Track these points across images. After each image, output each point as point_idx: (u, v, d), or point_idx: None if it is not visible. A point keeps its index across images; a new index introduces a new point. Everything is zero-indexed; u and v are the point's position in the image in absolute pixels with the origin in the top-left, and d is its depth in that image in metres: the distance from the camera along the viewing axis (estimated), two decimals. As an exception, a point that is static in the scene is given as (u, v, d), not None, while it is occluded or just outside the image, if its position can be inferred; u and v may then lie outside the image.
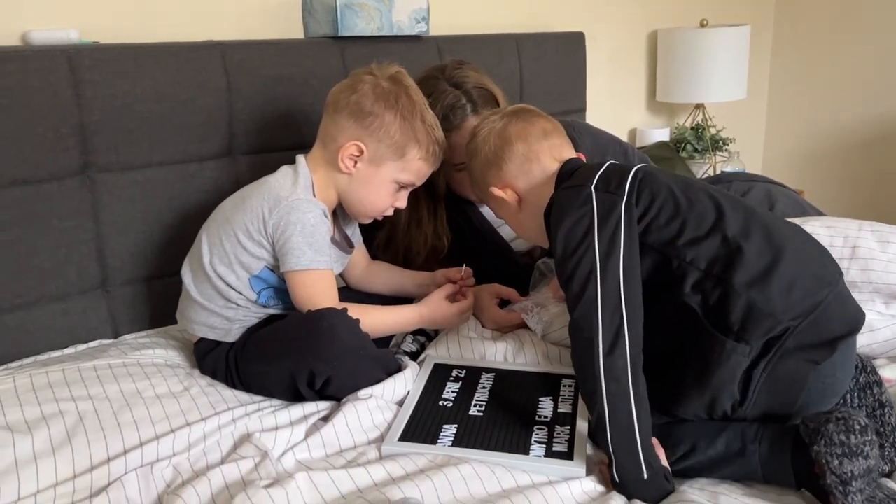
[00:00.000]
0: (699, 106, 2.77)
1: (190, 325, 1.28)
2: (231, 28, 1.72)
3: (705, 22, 2.67)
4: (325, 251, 1.22)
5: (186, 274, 1.28)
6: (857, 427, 0.95)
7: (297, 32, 1.80)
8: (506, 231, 1.65)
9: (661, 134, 2.73)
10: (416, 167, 1.30)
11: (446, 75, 1.49)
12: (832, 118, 3.00)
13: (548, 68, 2.13)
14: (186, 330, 1.31)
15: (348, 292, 1.45)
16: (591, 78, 2.31)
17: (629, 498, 1.00)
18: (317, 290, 1.21)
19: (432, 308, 1.32)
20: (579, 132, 1.66)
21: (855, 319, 1.05)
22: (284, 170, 1.30)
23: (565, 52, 2.20)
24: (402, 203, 1.36)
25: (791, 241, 1.06)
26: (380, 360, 1.24)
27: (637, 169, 1.11)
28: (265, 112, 1.59)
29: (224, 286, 1.24)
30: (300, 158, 1.30)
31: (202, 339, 1.28)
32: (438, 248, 1.58)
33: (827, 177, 3.04)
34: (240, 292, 1.24)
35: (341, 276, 1.44)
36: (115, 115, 1.40)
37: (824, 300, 1.01)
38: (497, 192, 1.24)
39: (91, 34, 1.50)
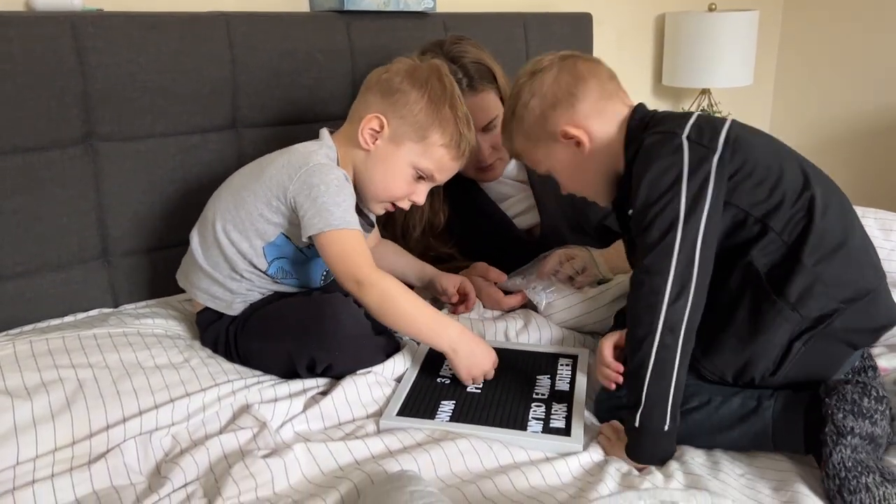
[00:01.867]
0: (705, 91, 2.75)
1: (192, 289, 1.28)
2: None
3: (713, 6, 2.64)
4: (353, 213, 1.18)
5: (194, 238, 1.26)
6: (875, 394, 0.98)
7: (303, 5, 1.79)
8: (507, 208, 1.64)
9: (667, 118, 2.71)
10: (437, 155, 1.25)
11: (444, 50, 1.48)
12: (838, 107, 2.98)
13: (554, 49, 2.09)
14: (188, 294, 1.30)
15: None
16: (598, 60, 2.29)
17: (635, 453, 1.02)
18: (348, 247, 1.14)
19: (477, 342, 1.21)
20: None
21: (895, 312, 1.08)
22: (308, 142, 1.27)
23: (572, 33, 2.18)
24: (420, 197, 1.29)
25: (859, 224, 1.08)
26: (381, 346, 1.24)
27: (731, 125, 1.06)
28: (270, 85, 1.58)
29: (234, 253, 1.22)
30: (324, 132, 1.28)
31: (205, 310, 1.28)
32: (435, 223, 1.58)
33: (832, 165, 3.02)
34: (250, 261, 1.22)
35: None
36: (119, 84, 1.39)
37: (877, 287, 1.05)
38: (573, 130, 1.13)
39: (95, 1, 1.48)
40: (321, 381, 1.19)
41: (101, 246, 1.44)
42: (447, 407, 1.15)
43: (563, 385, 1.22)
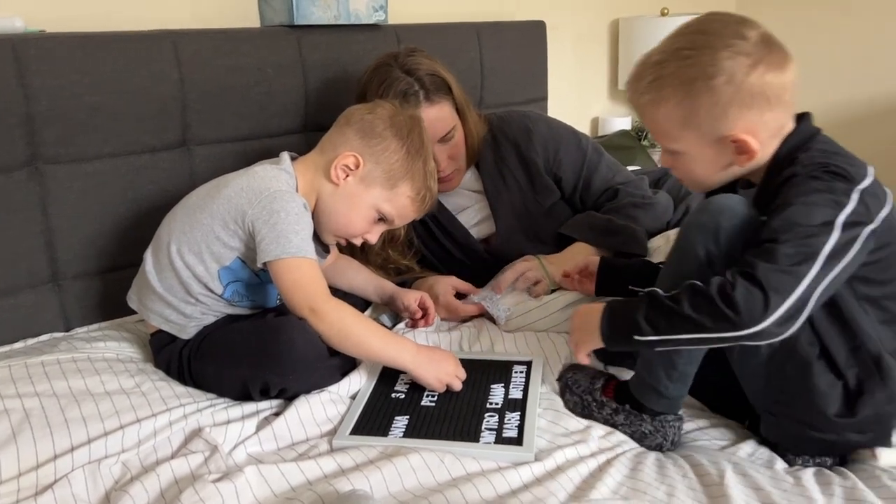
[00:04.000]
0: (661, 94, 2.79)
1: (145, 311, 1.27)
2: (184, 16, 1.69)
3: (666, 11, 2.68)
4: (310, 242, 1.18)
5: (148, 260, 1.25)
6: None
7: (253, 21, 1.78)
8: (464, 219, 1.65)
9: (623, 123, 2.75)
10: (402, 203, 1.29)
11: (399, 62, 1.49)
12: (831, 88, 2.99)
13: (509, 57, 2.13)
14: (140, 315, 1.29)
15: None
16: (553, 67, 2.32)
17: (606, 315, 1.06)
18: (303, 275, 1.15)
19: (434, 352, 1.24)
20: (534, 121, 1.67)
21: None
22: (265, 164, 1.27)
23: (526, 41, 2.20)
24: (374, 238, 1.33)
25: None
26: (337, 366, 1.24)
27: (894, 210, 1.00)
28: (220, 102, 1.57)
29: (189, 276, 1.21)
30: (284, 156, 1.28)
31: (158, 332, 1.27)
32: (395, 235, 1.58)
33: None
34: (205, 285, 1.22)
35: None
36: (64, 105, 1.38)
37: None
38: (750, 140, 1.01)
39: (37, 23, 1.46)
40: (275, 402, 1.19)
41: (51, 270, 1.43)
42: (401, 422, 1.15)
43: (516, 393, 1.23)
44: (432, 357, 1.22)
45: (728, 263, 0.98)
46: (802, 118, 1.06)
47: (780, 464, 1.09)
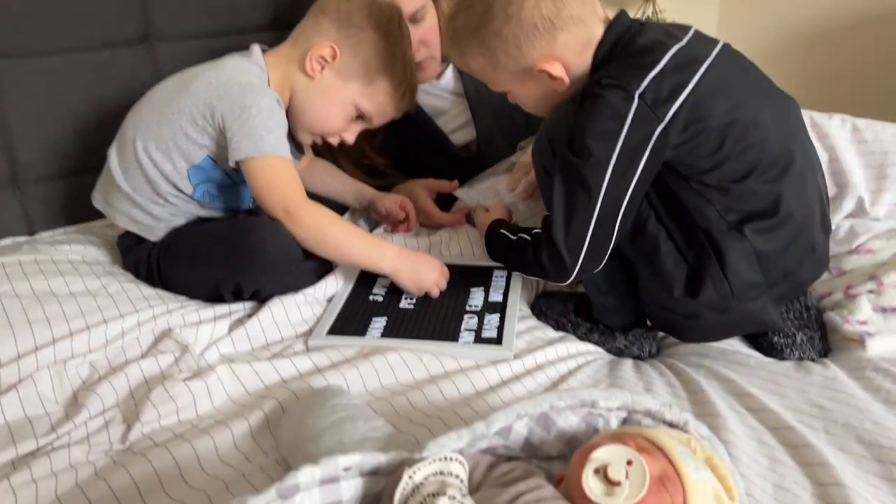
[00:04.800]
0: (648, -1, 2.69)
1: (111, 211, 1.21)
2: None
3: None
4: (285, 140, 1.13)
5: (113, 156, 1.19)
6: None
7: None
8: (442, 124, 1.60)
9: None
10: (379, 100, 1.23)
11: None
12: (787, 10, 2.94)
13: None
14: (107, 216, 1.23)
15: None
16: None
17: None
18: (278, 176, 1.10)
19: (416, 256, 1.19)
20: None
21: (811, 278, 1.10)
22: (235, 56, 1.20)
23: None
24: (351, 137, 1.27)
25: (807, 211, 1.03)
26: (312, 269, 1.20)
27: (698, 84, 0.96)
28: (184, -5, 1.48)
29: (157, 175, 1.15)
30: (255, 48, 1.21)
31: (126, 234, 1.22)
32: (373, 133, 1.51)
33: (783, 71, 3.01)
34: (174, 184, 1.16)
35: None
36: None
37: (798, 273, 1.04)
38: (551, 68, 1.03)
39: None
40: (248, 304, 1.16)
41: (10, 172, 1.36)
42: (378, 323, 1.13)
43: (496, 296, 1.20)
44: (415, 262, 1.18)
45: None
46: (615, 21, 1.04)
47: (759, 358, 1.08)
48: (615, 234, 1.01)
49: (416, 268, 1.18)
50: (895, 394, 0.94)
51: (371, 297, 1.20)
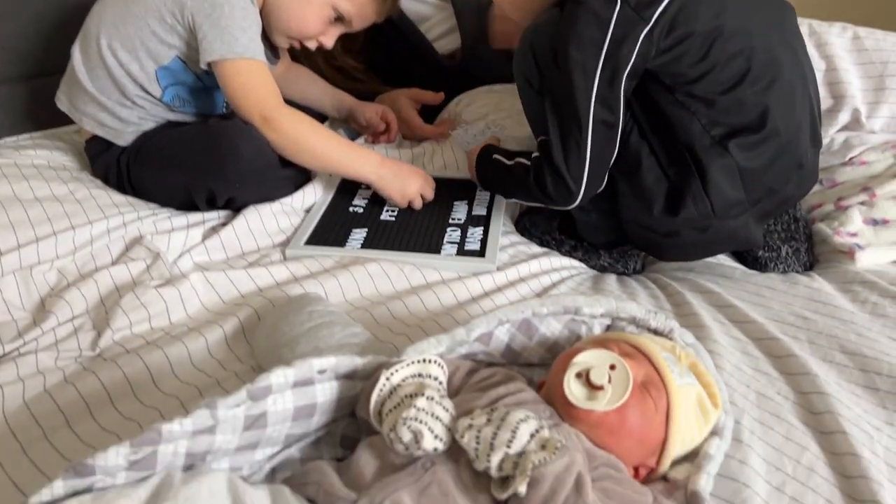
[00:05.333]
0: None
1: (76, 114, 1.15)
2: None
3: None
4: (259, 42, 1.07)
5: (76, 54, 1.12)
6: None
7: None
8: (426, 30, 1.53)
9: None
10: (360, 1, 1.15)
11: None
12: None
13: None
14: (73, 119, 1.17)
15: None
16: None
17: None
18: (253, 79, 1.05)
19: (399, 165, 1.15)
20: None
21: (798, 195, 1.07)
22: None
23: None
24: (330, 41, 1.19)
25: (795, 125, 0.99)
26: (289, 177, 1.15)
27: None
28: None
29: (123, 76, 1.09)
30: None
31: (93, 138, 1.16)
32: (353, 39, 1.45)
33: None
34: (142, 86, 1.10)
35: None
36: None
37: (783, 190, 1.01)
38: None
39: None
40: (222, 213, 1.12)
41: (-32, 75, 1.29)
42: (359, 235, 1.10)
43: (480, 210, 1.17)
44: (398, 171, 1.14)
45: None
46: None
47: (745, 271, 1.07)
48: (615, 150, 0.97)
49: (400, 176, 1.14)
50: (882, 306, 0.93)
51: (351, 209, 1.16)
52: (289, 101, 1.11)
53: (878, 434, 0.73)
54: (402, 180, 1.14)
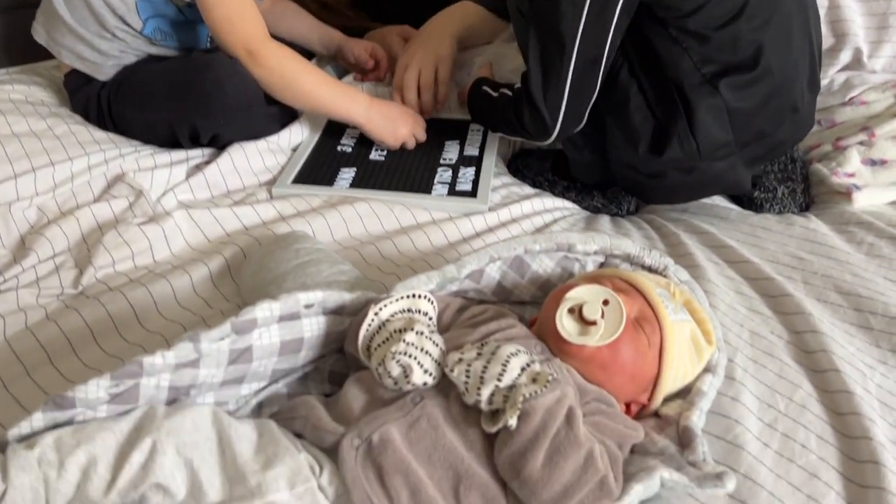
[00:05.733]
0: None
1: (54, 46, 1.11)
2: None
3: None
4: None
5: None
6: None
7: None
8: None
9: None
10: None
11: None
12: None
13: None
14: (51, 52, 1.13)
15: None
16: None
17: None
18: (237, 10, 1.01)
19: (390, 106, 1.12)
20: None
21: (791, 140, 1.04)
22: None
23: None
24: None
25: (790, 66, 0.96)
26: (275, 115, 1.11)
27: None
28: None
29: (102, 7, 1.05)
30: None
31: (72, 72, 1.12)
32: None
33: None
34: (121, 18, 1.06)
35: None
36: None
37: (775, 135, 0.98)
38: None
39: None
40: (206, 151, 1.08)
41: (-60, 6, 1.24)
42: (347, 174, 1.07)
43: (472, 150, 1.15)
44: (388, 112, 1.11)
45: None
46: None
47: (740, 212, 1.05)
48: (597, 87, 0.94)
49: (391, 118, 1.11)
50: (878, 247, 0.91)
51: (339, 148, 1.14)
52: (275, 37, 1.08)
53: (871, 372, 0.72)
54: (393, 122, 1.11)
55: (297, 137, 1.14)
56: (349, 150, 1.14)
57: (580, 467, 0.52)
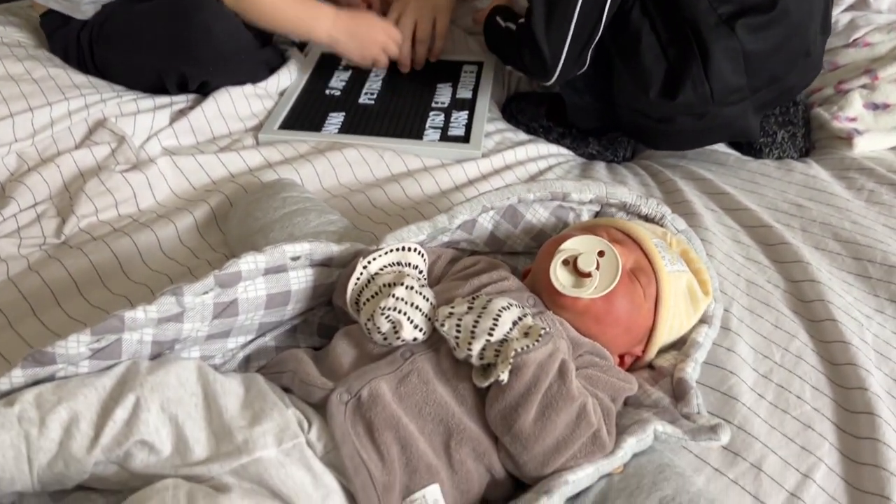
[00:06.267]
0: None
1: None
2: None
3: None
4: None
5: None
6: None
7: None
8: None
9: None
10: None
11: None
12: None
13: None
14: None
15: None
16: None
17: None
18: None
19: (357, 20, 1.07)
20: None
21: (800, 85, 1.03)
22: None
23: None
24: None
25: (806, 8, 0.93)
26: (264, 60, 1.08)
27: None
28: None
29: None
30: None
31: (49, 12, 1.07)
32: None
33: None
34: None
35: None
36: None
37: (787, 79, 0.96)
38: None
39: None
40: (191, 96, 1.05)
41: None
42: (336, 119, 1.04)
43: (465, 93, 1.12)
44: (355, 31, 1.05)
45: None
46: None
47: (739, 157, 1.03)
48: (601, 28, 0.91)
49: (357, 36, 1.06)
50: (878, 193, 0.90)
51: (328, 91, 1.10)
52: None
53: (868, 322, 0.71)
54: (360, 40, 1.06)
55: (285, 81, 1.11)
56: (338, 93, 1.10)
57: (573, 421, 0.51)
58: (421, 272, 0.60)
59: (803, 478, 0.57)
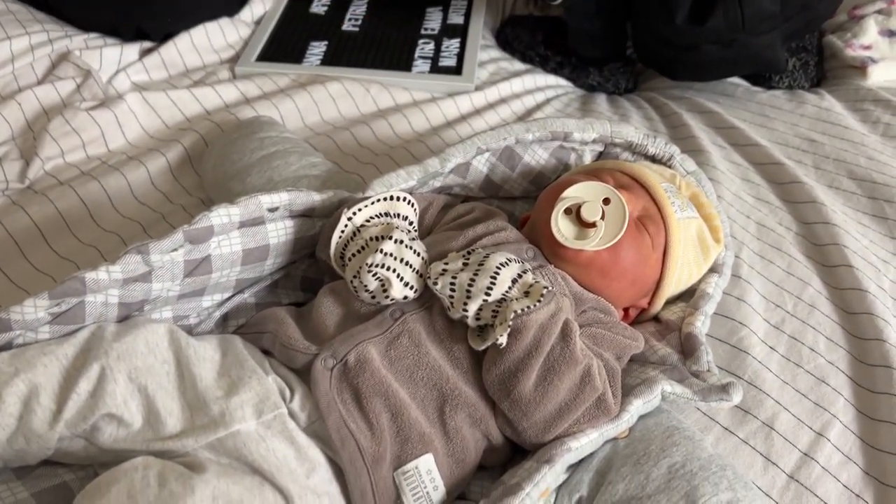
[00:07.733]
0: None
1: None
2: None
3: None
4: None
5: None
6: None
7: None
8: None
9: None
10: None
11: None
12: None
13: None
14: None
15: None
16: None
17: None
18: None
19: None
20: None
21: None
22: None
23: None
24: None
25: None
26: (233, 4, 1.00)
27: None
28: None
29: None
30: None
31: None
32: None
33: None
34: None
35: None
36: None
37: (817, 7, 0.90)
38: None
39: None
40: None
41: None
42: (318, 49, 0.98)
43: (456, 18, 1.06)
44: None
45: None
46: None
47: (748, 87, 0.97)
48: None
49: None
50: (894, 127, 0.85)
51: (311, 10, 1.04)
52: None
53: (885, 267, 0.68)
54: None
55: (260, 8, 1.04)
56: (322, 13, 1.04)
57: (576, 386, 0.48)
58: (411, 223, 0.56)
59: (817, 436, 0.54)
